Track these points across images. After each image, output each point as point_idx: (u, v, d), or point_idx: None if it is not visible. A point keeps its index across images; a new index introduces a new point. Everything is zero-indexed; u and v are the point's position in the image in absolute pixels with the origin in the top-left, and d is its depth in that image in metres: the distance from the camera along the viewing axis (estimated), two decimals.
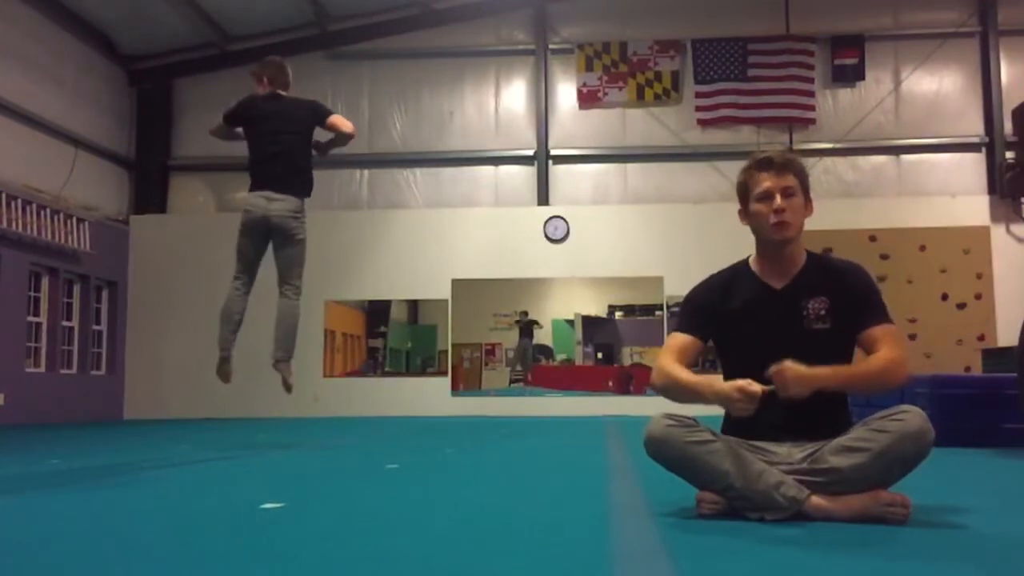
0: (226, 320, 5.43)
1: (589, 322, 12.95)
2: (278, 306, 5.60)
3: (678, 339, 2.57)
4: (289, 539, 2.18)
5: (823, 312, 2.45)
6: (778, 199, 2.48)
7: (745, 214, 2.59)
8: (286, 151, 5.51)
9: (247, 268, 5.53)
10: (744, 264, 2.63)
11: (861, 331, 2.46)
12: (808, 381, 2.29)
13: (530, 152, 13.58)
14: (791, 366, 2.28)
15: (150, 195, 13.79)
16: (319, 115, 5.71)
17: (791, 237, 2.50)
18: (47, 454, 5.55)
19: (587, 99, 13.62)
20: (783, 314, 2.48)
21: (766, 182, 2.50)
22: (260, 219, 5.42)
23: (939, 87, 13.34)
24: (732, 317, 2.52)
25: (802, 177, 2.55)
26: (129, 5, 12.33)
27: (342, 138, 5.69)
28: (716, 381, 2.39)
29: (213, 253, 12.38)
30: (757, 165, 2.55)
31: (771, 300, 2.50)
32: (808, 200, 2.56)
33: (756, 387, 2.26)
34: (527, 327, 12.98)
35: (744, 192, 2.57)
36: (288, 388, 5.65)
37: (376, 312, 13.25)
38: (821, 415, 2.46)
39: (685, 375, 2.47)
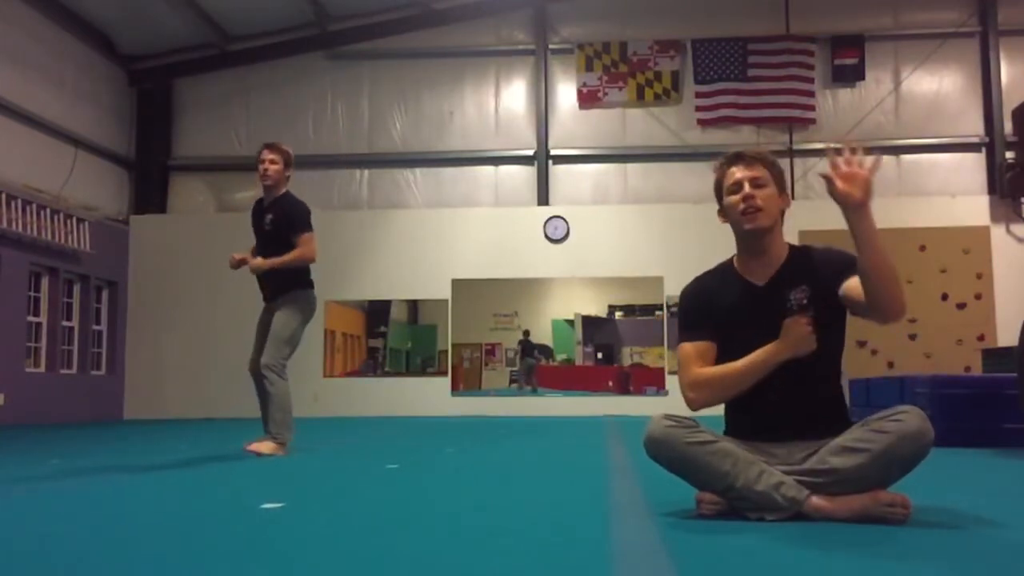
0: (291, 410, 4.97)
1: (589, 322, 12.95)
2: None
3: (693, 347, 2.53)
4: (289, 539, 2.18)
5: (805, 301, 2.44)
6: (747, 187, 2.49)
7: (721, 212, 2.59)
8: None
9: None
10: (729, 264, 2.61)
11: (844, 281, 2.39)
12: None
13: (530, 152, 13.57)
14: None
15: (150, 195, 13.79)
16: None
17: (763, 226, 2.48)
18: (47, 454, 5.55)
19: (587, 99, 13.62)
20: (768, 309, 2.46)
21: (736, 174, 2.52)
22: None
23: (939, 87, 13.34)
24: (722, 319, 2.51)
25: (774, 170, 2.55)
26: (129, 5, 12.34)
27: None
28: (766, 348, 2.41)
29: (213, 253, 12.38)
30: (728, 161, 2.57)
31: (756, 298, 2.49)
32: (783, 193, 2.55)
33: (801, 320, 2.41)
34: (529, 345, 12.99)
35: (719, 189, 2.58)
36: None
37: (376, 312, 13.25)
38: (821, 415, 2.46)
39: (728, 367, 2.46)
